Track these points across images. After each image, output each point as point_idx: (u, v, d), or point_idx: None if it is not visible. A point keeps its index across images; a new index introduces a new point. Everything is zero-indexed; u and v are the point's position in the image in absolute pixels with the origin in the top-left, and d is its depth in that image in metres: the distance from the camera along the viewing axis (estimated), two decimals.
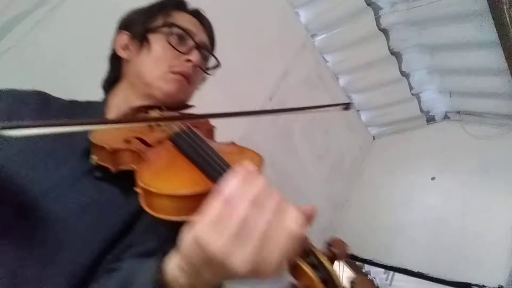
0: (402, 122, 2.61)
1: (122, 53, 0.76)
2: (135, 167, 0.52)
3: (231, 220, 0.35)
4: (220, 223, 0.35)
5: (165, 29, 0.74)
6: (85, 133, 0.61)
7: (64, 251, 0.51)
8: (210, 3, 0.83)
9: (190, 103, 0.80)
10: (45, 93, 0.72)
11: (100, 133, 0.60)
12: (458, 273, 1.97)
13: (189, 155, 0.53)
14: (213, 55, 0.83)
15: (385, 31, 2.07)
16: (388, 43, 2.11)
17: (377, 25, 2.03)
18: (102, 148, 0.56)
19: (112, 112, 0.72)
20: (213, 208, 0.36)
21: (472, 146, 2.29)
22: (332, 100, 2.41)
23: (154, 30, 0.74)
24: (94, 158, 0.58)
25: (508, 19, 1.59)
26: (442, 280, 2.00)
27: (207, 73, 0.82)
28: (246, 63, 1.79)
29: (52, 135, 0.61)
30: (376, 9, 1.99)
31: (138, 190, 0.47)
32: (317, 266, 0.36)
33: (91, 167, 0.59)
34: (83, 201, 0.56)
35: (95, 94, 0.77)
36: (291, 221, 0.36)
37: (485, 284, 1.88)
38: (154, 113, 0.70)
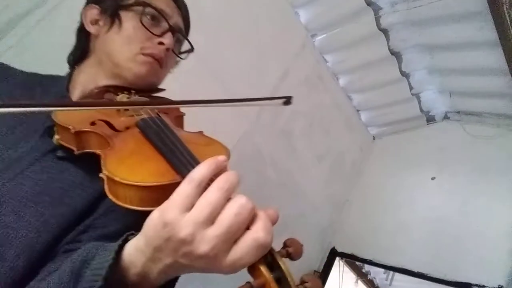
0: (402, 122, 2.61)
1: (90, 28, 0.72)
2: (100, 152, 0.50)
3: (201, 204, 0.36)
4: (189, 205, 0.36)
5: (138, 8, 0.70)
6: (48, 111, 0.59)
7: (20, 231, 0.49)
8: (210, 3, 0.83)
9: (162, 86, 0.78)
10: (4, 65, 0.70)
11: (64, 112, 0.58)
12: (458, 273, 1.97)
13: (156, 144, 0.51)
14: (187, 40, 0.79)
15: (385, 31, 2.07)
16: (388, 43, 2.11)
17: (377, 25, 2.03)
18: (65, 129, 0.54)
19: (78, 89, 0.70)
20: (183, 190, 0.37)
21: (472, 146, 2.29)
22: (333, 100, 2.41)
23: (126, 8, 0.70)
24: (57, 138, 0.56)
25: (508, 19, 1.60)
26: (442, 280, 2.00)
27: (180, 58, 0.79)
28: (246, 63, 1.79)
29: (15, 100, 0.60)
30: (376, 9, 1.99)
31: (102, 176, 0.46)
32: (273, 265, 0.37)
33: (53, 147, 0.57)
34: (42, 180, 0.54)
35: None
36: (261, 229, 0.36)
37: (485, 284, 1.88)
38: (123, 97, 0.67)
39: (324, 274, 2.38)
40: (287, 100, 0.61)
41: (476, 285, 1.91)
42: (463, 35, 1.87)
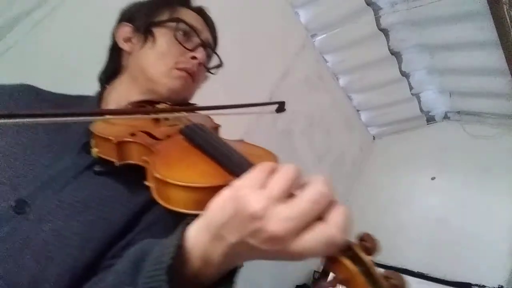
0: (402, 122, 2.61)
1: (124, 45, 0.74)
2: (146, 159, 0.49)
3: (275, 180, 0.34)
4: (262, 187, 0.34)
5: (172, 24, 0.72)
6: (84, 126, 0.59)
7: (63, 249, 0.49)
8: (210, 3, 0.83)
9: (192, 101, 0.79)
10: (33, 87, 0.70)
11: (102, 125, 0.58)
12: (458, 273, 1.97)
13: (204, 148, 0.50)
14: (216, 54, 0.82)
15: (385, 31, 2.07)
16: (388, 43, 2.11)
17: (377, 25, 2.03)
18: (106, 140, 0.54)
19: (110, 106, 0.71)
20: (255, 173, 0.35)
21: (472, 146, 2.29)
22: (333, 100, 2.41)
23: (159, 24, 0.72)
24: (96, 151, 0.56)
25: (508, 19, 1.60)
26: (442, 280, 2.00)
27: (210, 72, 0.81)
28: (246, 63, 1.79)
29: (48, 128, 0.60)
30: (376, 9, 1.99)
31: (149, 183, 0.46)
32: (356, 259, 0.35)
33: (91, 161, 0.57)
34: (82, 197, 0.54)
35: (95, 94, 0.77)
36: (336, 226, 0.33)
37: (485, 284, 1.88)
38: (161, 106, 0.67)
39: (323, 274, 2.38)
40: (280, 107, 0.61)
41: (476, 285, 1.91)
42: (463, 35, 1.87)
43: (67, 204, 0.53)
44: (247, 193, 0.33)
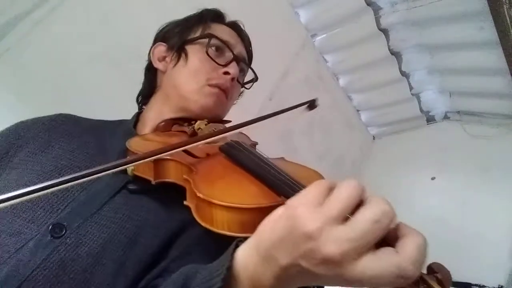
0: (402, 122, 2.61)
1: (158, 65, 0.74)
2: (187, 177, 0.46)
3: (333, 199, 0.31)
4: (320, 203, 0.32)
5: (204, 41, 0.71)
6: (121, 144, 0.59)
7: (98, 275, 0.48)
8: (210, 3, 0.83)
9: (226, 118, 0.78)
10: (71, 115, 0.71)
11: (138, 142, 0.57)
12: (458, 273, 1.97)
13: (248, 166, 0.47)
14: (251, 69, 0.81)
15: (385, 31, 2.07)
16: (388, 43, 2.11)
17: (377, 25, 2.03)
18: None
19: (148, 126, 0.70)
20: (312, 190, 0.33)
21: (472, 146, 2.29)
22: (333, 100, 2.41)
23: (192, 42, 0.72)
24: (131, 169, 0.54)
25: (508, 19, 1.59)
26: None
27: (245, 87, 0.81)
28: None
29: (86, 152, 0.61)
30: (376, 9, 1.99)
31: (189, 203, 0.43)
32: None
33: (126, 182, 0.56)
34: (117, 219, 0.53)
35: (95, 94, 0.77)
36: (411, 260, 0.29)
37: (485, 284, 1.88)
38: (201, 123, 0.65)
39: None
40: (311, 104, 0.60)
41: (476, 285, 1.91)
42: (463, 35, 1.87)
43: (103, 226, 0.52)
44: (302, 212, 0.31)
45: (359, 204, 0.32)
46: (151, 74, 0.77)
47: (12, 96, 1.11)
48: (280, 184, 0.41)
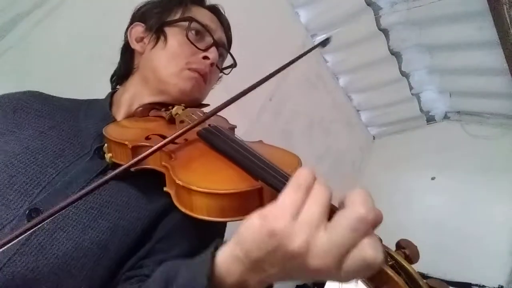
0: (402, 122, 2.61)
1: (135, 46, 0.73)
2: (165, 164, 0.46)
3: (311, 206, 0.32)
4: (298, 212, 0.32)
5: (184, 24, 0.69)
6: (96, 130, 0.58)
7: (80, 260, 0.48)
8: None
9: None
10: (41, 93, 0.69)
11: (115, 129, 0.57)
12: (458, 273, 1.97)
13: (225, 151, 0.48)
14: (230, 54, 0.79)
15: (385, 31, 2.07)
16: (388, 43, 2.11)
17: (377, 25, 2.03)
18: (120, 145, 0.52)
19: (122, 109, 0.69)
20: (290, 196, 0.33)
21: (472, 146, 2.29)
22: (333, 100, 2.41)
23: (171, 24, 0.70)
24: (110, 156, 0.54)
25: (508, 19, 1.59)
26: (442, 280, 2.00)
27: (223, 73, 0.80)
28: (246, 63, 1.79)
29: (61, 133, 0.60)
30: (376, 9, 1.99)
31: (169, 189, 0.44)
32: (398, 269, 0.34)
33: (105, 166, 0.56)
34: (97, 203, 0.52)
35: (95, 94, 0.77)
36: (370, 247, 0.31)
37: (485, 284, 1.88)
38: (178, 108, 0.64)
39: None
40: (324, 42, 0.58)
41: (476, 285, 1.91)
42: (463, 35, 1.87)
43: (82, 211, 0.51)
44: (283, 227, 0.31)
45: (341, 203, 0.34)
46: (128, 54, 0.75)
47: None
48: (257, 168, 0.42)
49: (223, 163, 0.47)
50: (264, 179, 0.39)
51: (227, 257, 0.35)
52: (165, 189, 0.45)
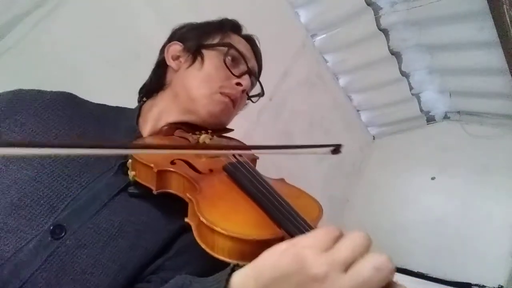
0: (402, 122, 2.61)
1: (171, 63, 0.75)
2: (190, 197, 0.46)
3: (340, 246, 0.33)
4: (327, 249, 0.33)
5: (222, 49, 0.72)
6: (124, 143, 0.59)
7: (98, 277, 0.49)
8: (210, 3, 0.83)
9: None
10: (74, 96, 0.70)
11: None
12: (458, 273, 1.97)
13: (251, 193, 0.48)
14: (260, 83, 0.82)
15: (385, 31, 2.07)
16: (388, 43, 2.11)
17: (377, 25, 2.02)
18: (146, 166, 0.52)
19: (149, 124, 0.70)
20: (322, 234, 0.34)
21: (472, 146, 2.29)
22: (333, 100, 2.41)
23: (210, 47, 0.73)
24: (133, 174, 0.54)
25: (508, 19, 1.59)
26: (442, 280, 2.00)
27: (251, 100, 0.82)
28: None
29: (86, 137, 0.60)
30: (376, 9, 1.98)
31: (190, 221, 0.44)
32: None
33: (126, 184, 0.56)
34: (118, 221, 0.53)
35: (95, 94, 0.77)
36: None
37: (485, 284, 1.88)
38: (206, 137, 0.64)
39: None
40: (336, 149, 0.60)
41: (476, 285, 1.91)
42: (463, 35, 1.87)
43: (103, 229, 0.52)
44: (311, 253, 0.32)
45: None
46: (161, 70, 0.77)
47: None
48: (281, 217, 0.42)
49: (248, 203, 0.46)
50: (288, 229, 0.39)
51: (241, 277, 0.36)
52: (186, 219, 0.45)
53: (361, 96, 2.53)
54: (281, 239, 0.38)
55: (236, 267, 0.37)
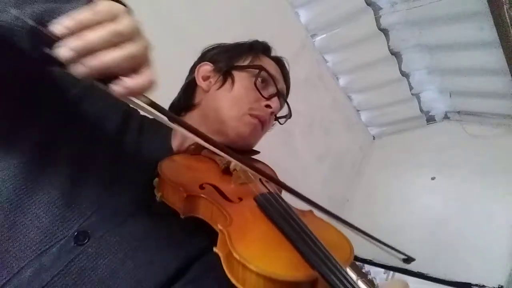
0: (402, 122, 2.61)
1: (202, 83, 0.75)
2: (221, 228, 0.45)
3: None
4: None
5: (253, 70, 0.73)
6: (153, 159, 0.58)
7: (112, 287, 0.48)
8: (210, 3, 0.83)
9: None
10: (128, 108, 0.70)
11: (170, 167, 0.55)
12: (458, 273, 1.97)
13: (284, 230, 0.46)
14: (288, 105, 0.83)
15: (385, 31, 2.07)
16: (388, 43, 2.11)
17: (377, 25, 2.02)
18: (174, 188, 0.51)
19: (176, 141, 0.70)
20: None
21: (472, 146, 2.29)
22: (333, 100, 2.41)
23: (240, 69, 0.73)
24: (160, 196, 0.54)
25: (508, 19, 1.59)
26: (442, 280, 2.00)
27: (279, 122, 0.82)
28: None
29: (125, 150, 0.60)
30: (376, 9, 1.98)
31: (219, 252, 0.43)
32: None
33: (152, 200, 0.55)
34: (141, 235, 0.53)
35: None
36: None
37: (485, 284, 1.88)
38: (237, 166, 0.62)
39: None
40: (408, 260, 0.60)
41: (476, 285, 1.90)
42: (463, 35, 1.87)
43: (125, 241, 0.51)
44: None
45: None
46: (191, 89, 0.77)
47: None
48: (315, 258, 0.41)
49: (280, 240, 0.45)
50: (321, 272, 0.39)
51: None
52: (215, 249, 0.44)
53: (361, 96, 2.53)
54: (313, 282, 0.38)
55: None
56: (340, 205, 2.57)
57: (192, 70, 0.79)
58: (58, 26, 0.35)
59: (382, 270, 2.91)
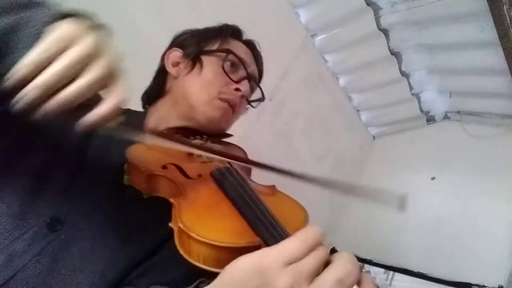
0: (402, 122, 2.61)
1: (171, 69, 0.75)
2: (173, 201, 0.47)
3: (307, 258, 0.34)
4: (294, 260, 0.33)
5: (221, 54, 0.73)
6: (124, 146, 0.58)
7: (87, 274, 0.49)
8: (210, 3, 0.83)
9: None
10: None
11: (137, 151, 0.57)
12: (458, 273, 1.97)
13: (234, 200, 0.48)
14: (260, 88, 0.83)
15: (385, 31, 2.07)
16: (388, 43, 2.11)
17: (377, 25, 2.02)
18: (138, 169, 0.53)
19: (152, 125, 0.71)
20: (292, 245, 0.34)
21: (472, 146, 2.29)
22: (333, 100, 2.41)
23: (208, 53, 0.73)
24: (127, 178, 0.55)
25: (508, 19, 1.59)
26: (442, 280, 2.00)
27: (251, 105, 0.82)
28: None
29: (90, 146, 0.60)
30: (376, 9, 1.98)
31: (173, 226, 0.44)
32: None
33: (123, 185, 0.56)
34: (111, 218, 0.53)
35: None
36: None
37: (485, 284, 1.88)
38: (197, 142, 0.65)
39: None
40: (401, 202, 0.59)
41: (476, 285, 1.90)
42: (463, 35, 1.87)
43: (97, 226, 0.52)
44: (275, 268, 0.32)
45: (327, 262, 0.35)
46: (162, 77, 0.78)
47: None
48: (259, 225, 0.42)
49: (228, 209, 0.47)
50: (263, 238, 0.39)
51: None
52: (170, 224, 0.45)
53: (361, 96, 2.53)
54: (257, 247, 0.38)
55: (201, 284, 0.38)
56: (340, 205, 2.57)
57: (162, 57, 0.79)
58: (10, 80, 0.33)
59: (382, 270, 2.91)
